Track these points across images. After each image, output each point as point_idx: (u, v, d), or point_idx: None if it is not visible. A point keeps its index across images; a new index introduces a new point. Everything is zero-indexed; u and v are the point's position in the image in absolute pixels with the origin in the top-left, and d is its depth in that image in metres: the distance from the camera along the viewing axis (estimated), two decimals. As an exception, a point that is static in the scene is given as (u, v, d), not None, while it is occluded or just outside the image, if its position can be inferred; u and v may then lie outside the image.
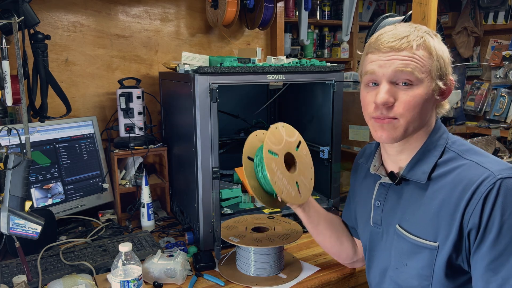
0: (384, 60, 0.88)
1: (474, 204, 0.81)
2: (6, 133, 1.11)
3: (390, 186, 1.00)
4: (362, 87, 0.96)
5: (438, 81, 0.89)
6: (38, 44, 1.42)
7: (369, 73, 0.91)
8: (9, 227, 1.05)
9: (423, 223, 0.90)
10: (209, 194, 1.38)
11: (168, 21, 1.96)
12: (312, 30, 3.68)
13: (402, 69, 0.86)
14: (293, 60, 1.56)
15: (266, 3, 2.01)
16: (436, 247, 0.87)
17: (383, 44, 0.88)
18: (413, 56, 0.87)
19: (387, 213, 1.01)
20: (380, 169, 1.04)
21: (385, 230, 1.01)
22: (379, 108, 0.90)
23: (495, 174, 0.82)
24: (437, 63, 0.89)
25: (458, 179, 0.86)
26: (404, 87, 0.88)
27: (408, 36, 0.88)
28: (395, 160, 0.99)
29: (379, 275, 1.04)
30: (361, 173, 1.16)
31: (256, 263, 1.27)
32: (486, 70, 3.55)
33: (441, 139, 0.94)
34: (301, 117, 1.84)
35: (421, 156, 0.94)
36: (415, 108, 0.88)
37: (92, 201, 1.69)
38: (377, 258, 1.06)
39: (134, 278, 1.08)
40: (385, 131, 0.91)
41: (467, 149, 0.91)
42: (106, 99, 1.86)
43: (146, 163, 1.84)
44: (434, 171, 0.91)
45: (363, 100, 0.96)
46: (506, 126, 3.23)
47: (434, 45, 0.89)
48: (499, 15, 3.36)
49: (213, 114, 1.33)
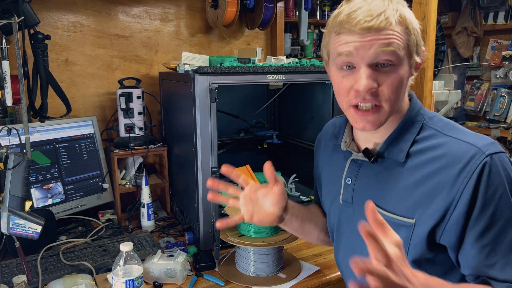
0: (362, 41, 0.80)
1: (465, 182, 0.78)
2: (6, 133, 1.12)
3: (363, 163, 0.94)
4: (334, 70, 0.87)
5: (415, 55, 0.85)
6: (38, 44, 1.42)
7: (344, 55, 0.82)
8: (9, 227, 1.05)
9: (400, 200, 0.87)
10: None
11: (168, 21, 1.96)
12: (312, 30, 3.67)
13: (384, 49, 0.79)
14: (293, 60, 1.56)
15: (266, 3, 2.01)
16: (413, 224, 0.84)
17: (359, 24, 0.79)
18: (393, 34, 0.80)
19: (358, 190, 0.96)
20: (351, 145, 0.98)
21: (357, 209, 0.96)
22: (360, 95, 0.82)
23: (482, 150, 0.79)
24: (414, 37, 0.84)
25: (439, 155, 0.82)
26: (385, 69, 0.82)
27: (385, 12, 0.79)
28: (369, 137, 0.94)
29: (349, 256, 0.99)
30: (326, 150, 1.09)
31: (256, 263, 1.27)
32: (486, 70, 3.55)
33: (419, 115, 0.90)
34: (301, 117, 1.84)
35: (399, 133, 0.89)
36: (399, 89, 0.83)
37: (92, 201, 1.69)
38: (347, 238, 1.01)
39: (138, 276, 1.09)
40: (369, 122, 0.85)
41: (445, 124, 0.88)
42: (106, 99, 1.86)
43: (146, 163, 1.84)
44: (411, 147, 0.87)
45: (337, 85, 0.87)
46: (506, 126, 3.23)
47: (409, 17, 0.83)
48: (499, 15, 3.36)
49: (212, 114, 1.33)
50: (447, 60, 3.65)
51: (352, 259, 0.61)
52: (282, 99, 2.00)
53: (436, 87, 2.72)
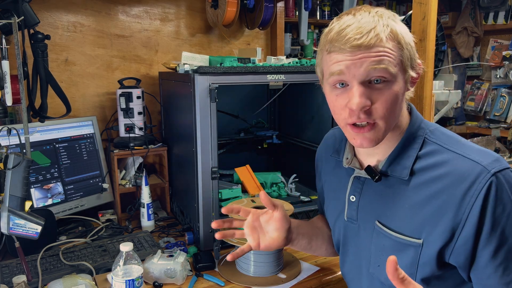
0: (352, 59, 0.79)
1: (472, 202, 0.77)
2: (6, 133, 1.12)
3: (366, 179, 0.94)
4: (328, 89, 0.87)
5: (410, 70, 0.84)
6: (38, 44, 1.42)
7: (336, 74, 0.82)
8: (9, 227, 1.05)
9: (406, 219, 0.86)
10: (209, 194, 1.38)
11: (168, 21, 1.96)
12: (312, 30, 3.68)
13: (375, 66, 0.78)
14: (293, 60, 1.56)
15: (266, 3, 2.01)
16: (420, 244, 0.83)
17: (349, 41, 0.78)
18: (384, 50, 0.79)
19: (363, 208, 0.95)
20: (353, 161, 0.97)
21: (362, 226, 0.96)
22: (355, 113, 0.81)
23: (488, 169, 0.78)
24: (407, 51, 0.82)
25: (444, 173, 0.82)
26: (378, 86, 0.80)
27: (375, 28, 0.78)
28: (371, 153, 0.93)
29: (355, 271, 1.00)
30: (329, 163, 1.09)
31: (256, 263, 1.27)
32: (486, 70, 3.55)
33: (420, 130, 0.89)
34: (301, 117, 1.84)
35: (401, 150, 0.88)
36: (393, 106, 0.82)
37: (92, 201, 1.69)
38: (353, 254, 1.01)
39: (138, 276, 1.09)
40: (366, 139, 0.84)
41: (448, 138, 0.87)
42: (106, 99, 1.86)
43: (146, 163, 1.84)
44: (415, 164, 0.86)
45: (332, 104, 0.87)
46: (506, 126, 3.23)
47: (401, 31, 0.82)
48: (499, 15, 3.36)
49: (212, 114, 1.33)
50: (447, 60, 3.65)
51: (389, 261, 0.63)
52: (282, 99, 2.00)
53: (436, 87, 2.72)
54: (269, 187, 1.76)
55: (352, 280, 1.04)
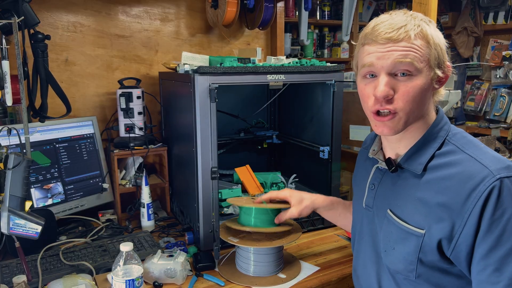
0: (382, 51, 0.87)
1: (474, 203, 0.81)
2: (6, 133, 1.11)
3: (386, 171, 1.01)
4: (359, 79, 0.95)
5: (436, 69, 0.90)
6: (38, 44, 1.42)
7: (367, 66, 0.90)
8: (9, 227, 1.05)
9: (413, 210, 0.91)
10: (209, 194, 1.38)
11: (168, 21, 1.97)
12: (312, 30, 3.68)
13: (401, 60, 0.86)
14: (293, 60, 1.56)
15: (266, 3, 2.01)
16: (422, 234, 0.88)
17: (380, 35, 0.87)
18: (411, 46, 0.86)
19: (379, 196, 1.02)
20: (378, 153, 1.05)
21: (376, 213, 1.02)
22: (378, 101, 0.89)
23: (494, 173, 0.82)
24: (435, 51, 0.89)
25: (454, 173, 0.86)
26: (403, 78, 0.88)
27: (405, 26, 0.86)
28: (393, 147, 0.99)
29: (369, 261, 1.05)
30: (362, 157, 1.17)
31: (256, 263, 1.27)
32: (486, 70, 3.55)
33: (442, 131, 0.94)
34: (301, 117, 1.84)
35: (420, 146, 0.94)
36: (415, 99, 0.88)
37: (92, 201, 1.69)
38: (366, 242, 1.07)
39: (138, 276, 1.09)
40: (386, 126, 0.91)
41: (467, 142, 0.91)
42: (106, 99, 1.86)
43: (146, 163, 1.84)
44: (430, 161, 0.92)
45: (361, 92, 0.95)
46: (506, 126, 3.22)
47: (431, 33, 0.89)
48: (499, 15, 3.36)
49: (212, 114, 1.33)
50: (447, 60, 3.64)
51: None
52: (282, 99, 2.00)
53: (436, 87, 2.71)
54: (269, 187, 1.76)
55: (363, 275, 1.08)
